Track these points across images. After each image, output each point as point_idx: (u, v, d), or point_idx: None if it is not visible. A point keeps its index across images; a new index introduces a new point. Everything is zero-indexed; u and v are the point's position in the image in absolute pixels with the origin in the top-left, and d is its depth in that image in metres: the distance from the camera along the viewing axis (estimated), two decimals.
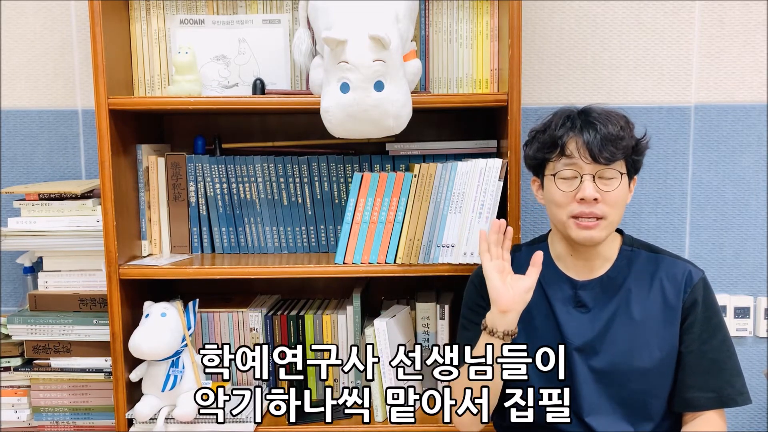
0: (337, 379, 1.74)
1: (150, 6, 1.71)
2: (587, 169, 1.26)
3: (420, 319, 1.71)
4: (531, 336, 1.33)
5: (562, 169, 1.28)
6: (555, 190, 1.29)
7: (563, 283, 1.36)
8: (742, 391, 1.29)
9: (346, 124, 1.44)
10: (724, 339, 1.31)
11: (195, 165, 1.70)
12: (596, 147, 1.24)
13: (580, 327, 1.32)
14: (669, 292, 1.31)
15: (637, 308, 1.31)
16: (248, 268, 1.58)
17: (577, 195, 1.26)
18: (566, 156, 1.28)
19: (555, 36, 1.85)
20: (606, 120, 1.27)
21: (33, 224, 1.66)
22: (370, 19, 1.42)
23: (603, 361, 1.30)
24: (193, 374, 1.59)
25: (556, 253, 1.38)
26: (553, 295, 1.35)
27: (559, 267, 1.37)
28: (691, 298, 1.30)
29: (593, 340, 1.31)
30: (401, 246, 1.57)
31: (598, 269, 1.35)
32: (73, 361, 1.69)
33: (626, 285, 1.33)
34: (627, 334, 1.30)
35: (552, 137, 1.29)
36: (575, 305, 1.34)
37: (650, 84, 1.85)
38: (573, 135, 1.27)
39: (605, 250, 1.34)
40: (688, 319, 1.30)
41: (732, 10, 1.83)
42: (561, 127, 1.29)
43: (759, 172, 1.87)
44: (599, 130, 1.25)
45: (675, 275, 1.32)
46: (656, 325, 1.30)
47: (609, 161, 1.25)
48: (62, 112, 1.87)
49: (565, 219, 1.29)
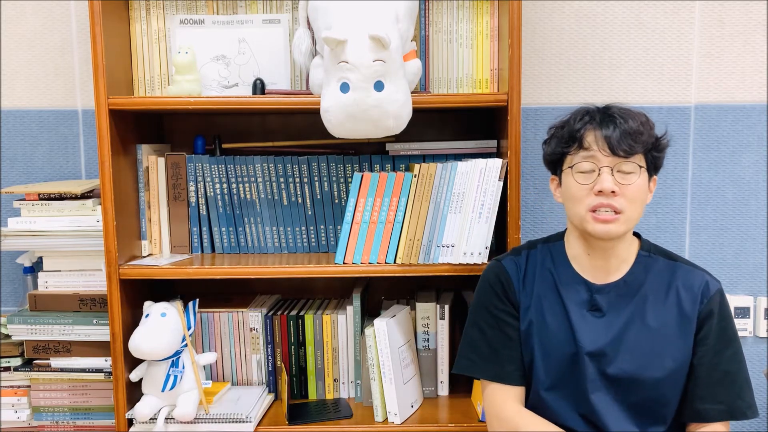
0: (337, 379, 1.74)
1: (150, 6, 1.71)
2: (605, 161, 1.24)
3: (420, 319, 1.71)
4: (544, 338, 1.32)
5: (580, 161, 1.26)
6: (573, 183, 1.27)
7: (579, 286, 1.33)
8: (751, 404, 1.28)
9: (346, 124, 1.44)
10: (736, 351, 1.29)
11: (195, 165, 1.69)
12: (615, 140, 1.22)
13: (594, 332, 1.30)
14: (685, 301, 1.29)
15: (652, 316, 1.29)
16: (248, 268, 1.58)
17: (595, 187, 1.24)
18: (584, 149, 1.26)
19: (555, 36, 1.85)
20: (626, 115, 1.25)
21: (33, 224, 1.66)
22: (370, 19, 1.42)
23: (615, 367, 1.28)
24: (193, 374, 1.59)
25: (573, 252, 1.35)
26: (568, 298, 1.32)
27: (575, 268, 1.34)
28: (707, 309, 1.28)
29: (606, 346, 1.28)
30: (401, 246, 1.57)
31: (615, 272, 1.32)
32: (73, 361, 1.69)
33: (642, 291, 1.31)
34: (641, 342, 1.28)
35: (570, 131, 1.28)
36: (590, 308, 1.31)
37: (650, 84, 1.85)
38: (592, 128, 1.26)
39: (622, 251, 1.32)
40: (702, 330, 1.28)
41: (732, 10, 1.83)
42: (579, 121, 1.28)
43: (759, 172, 1.87)
44: (619, 124, 1.24)
45: (692, 285, 1.30)
46: (670, 335, 1.28)
47: (628, 154, 1.23)
48: (62, 112, 1.87)
49: (582, 213, 1.26)
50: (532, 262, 1.37)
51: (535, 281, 1.35)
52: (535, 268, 1.35)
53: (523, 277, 1.36)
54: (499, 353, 1.34)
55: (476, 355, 1.37)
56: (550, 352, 1.31)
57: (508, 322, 1.35)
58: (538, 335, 1.32)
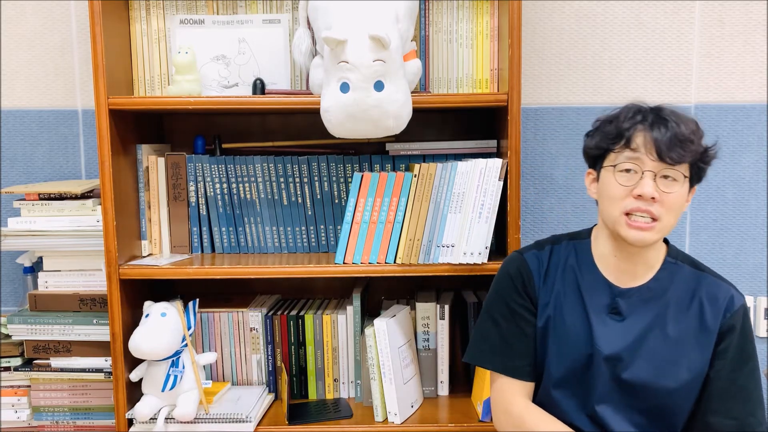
0: (337, 379, 1.74)
1: (150, 6, 1.71)
2: (650, 165, 1.20)
3: (420, 319, 1.71)
4: (561, 337, 1.30)
5: (623, 161, 1.22)
6: (613, 183, 1.23)
7: (602, 290, 1.30)
8: (762, 423, 1.25)
9: (346, 124, 1.44)
10: (754, 368, 1.26)
11: (195, 165, 1.70)
12: (664, 145, 1.18)
13: (612, 335, 1.27)
14: (708, 313, 1.26)
15: (672, 324, 1.27)
16: (248, 268, 1.58)
17: (634, 190, 1.20)
18: (630, 149, 1.21)
19: (555, 36, 1.85)
20: (678, 120, 1.21)
21: (33, 224, 1.66)
22: (370, 19, 1.42)
23: (629, 373, 1.26)
24: (193, 374, 1.59)
25: (599, 252, 1.32)
26: (590, 302, 1.30)
27: (600, 269, 1.31)
28: (729, 324, 1.26)
29: (623, 351, 1.26)
30: (401, 246, 1.57)
31: (640, 276, 1.29)
32: (73, 361, 1.69)
33: (665, 299, 1.28)
34: (658, 351, 1.26)
35: (618, 128, 1.23)
36: (610, 311, 1.29)
37: (650, 84, 1.85)
38: (642, 129, 1.21)
39: (650, 257, 1.29)
40: (722, 344, 1.26)
41: (732, 10, 1.83)
42: (629, 120, 1.23)
43: (759, 172, 1.87)
44: (671, 128, 1.19)
45: (716, 297, 1.27)
46: (689, 346, 1.26)
47: (674, 162, 1.19)
48: (62, 112, 1.87)
49: (617, 215, 1.22)
50: (556, 258, 1.34)
51: (557, 278, 1.33)
52: (558, 265, 1.32)
53: (545, 273, 1.34)
54: (512, 347, 1.33)
55: (488, 347, 1.35)
56: (565, 351, 1.29)
57: (524, 316, 1.33)
58: (554, 333, 1.30)
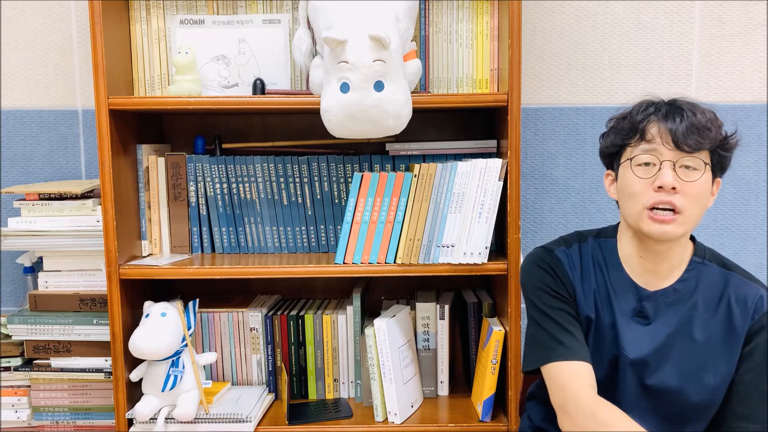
0: (337, 379, 1.74)
1: (150, 6, 1.71)
2: (668, 155, 1.16)
3: (420, 319, 1.71)
4: (597, 345, 1.27)
5: (640, 154, 1.19)
6: (631, 177, 1.20)
7: (629, 292, 1.27)
8: None
9: (346, 124, 1.44)
10: None
11: (195, 165, 1.70)
12: (680, 133, 1.15)
13: (638, 339, 1.24)
14: (736, 315, 1.23)
15: (699, 328, 1.23)
16: (248, 268, 1.58)
17: (654, 183, 1.17)
18: (646, 141, 1.19)
19: (555, 36, 1.85)
20: (694, 109, 1.18)
21: (33, 224, 1.66)
22: (370, 19, 1.42)
23: (655, 378, 1.23)
24: (193, 374, 1.59)
25: (624, 252, 1.28)
26: (617, 301, 1.27)
27: (626, 270, 1.28)
28: (758, 325, 1.22)
29: (649, 356, 1.23)
30: (401, 246, 1.57)
31: (666, 276, 1.26)
32: (73, 361, 1.69)
33: (692, 300, 1.24)
34: (685, 356, 1.23)
35: (632, 122, 1.21)
36: (635, 314, 1.26)
37: (650, 84, 1.85)
38: (656, 120, 1.19)
39: (676, 255, 1.25)
40: (749, 345, 1.22)
41: (732, 10, 1.83)
42: (642, 112, 1.21)
43: (759, 172, 1.87)
44: (686, 117, 1.17)
45: (745, 298, 1.24)
46: (716, 350, 1.23)
47: (692, 149, 1.16)
48: (62, 112, 1.87)
49: (639, 210, 1.19)
50: (585, 255, 1.31)
51: (591, 276, 1.30)
52: (589, 263, 1.29)
53: (579, 270, 1.30)
54: (567, 330, 1.26)
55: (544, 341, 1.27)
56: (595, 351, 1.26)
57: (567, 301, 1.28)
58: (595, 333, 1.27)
